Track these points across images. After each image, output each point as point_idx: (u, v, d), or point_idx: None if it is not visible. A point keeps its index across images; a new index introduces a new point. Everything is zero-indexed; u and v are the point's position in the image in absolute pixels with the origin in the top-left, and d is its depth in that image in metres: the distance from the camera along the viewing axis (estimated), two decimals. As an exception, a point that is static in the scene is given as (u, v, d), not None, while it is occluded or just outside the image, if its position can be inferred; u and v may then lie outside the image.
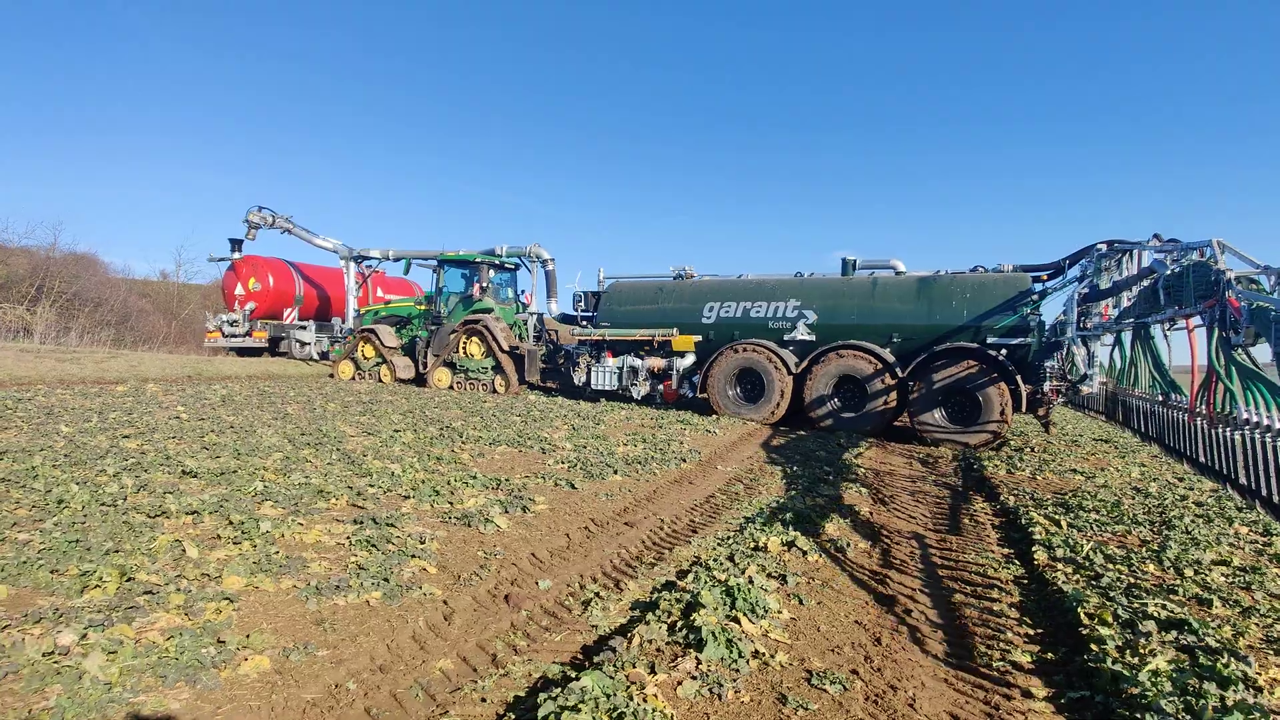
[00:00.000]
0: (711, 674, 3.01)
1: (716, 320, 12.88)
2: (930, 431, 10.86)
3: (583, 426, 10.88)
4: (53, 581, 3.53)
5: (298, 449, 7.47)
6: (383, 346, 16.65)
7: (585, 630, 3.50)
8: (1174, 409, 7.03)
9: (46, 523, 4.42)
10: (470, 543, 4.69)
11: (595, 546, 4.88)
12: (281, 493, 5.50)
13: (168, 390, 12.73)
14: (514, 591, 3.87)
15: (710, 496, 6.86)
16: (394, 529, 4.77)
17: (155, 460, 6.39)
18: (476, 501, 5.65)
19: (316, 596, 3.56)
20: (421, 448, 8.14)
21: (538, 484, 6.61)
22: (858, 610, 4.08)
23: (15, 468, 5.74)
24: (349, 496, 5.55)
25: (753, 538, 5.12)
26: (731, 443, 10.77)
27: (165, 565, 3.83)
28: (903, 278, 12.18)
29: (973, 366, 10.45)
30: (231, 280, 22.59)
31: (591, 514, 5.72)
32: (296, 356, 22.89)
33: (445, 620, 3.48)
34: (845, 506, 6.55)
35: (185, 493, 5.34)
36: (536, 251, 16.68)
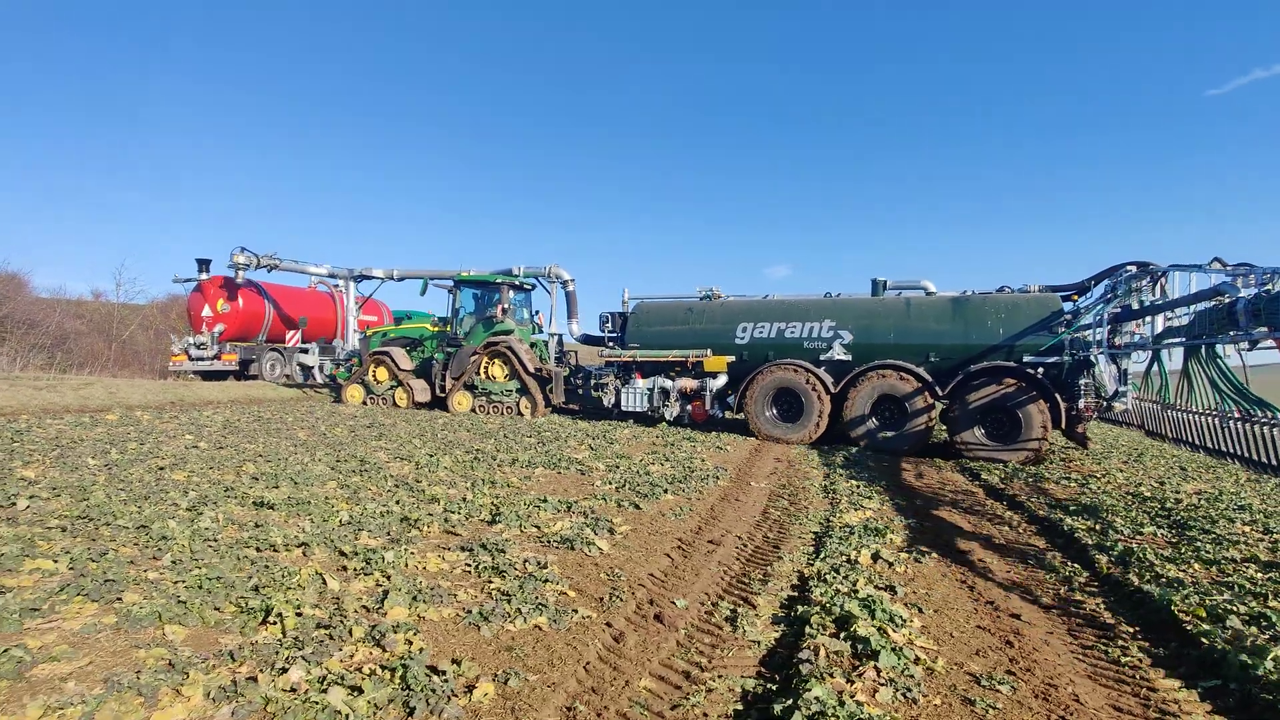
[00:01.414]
0: (897, 681, 3.24)
1: (750, 341, 12.97)
2: (971, 449, 11.03)
3: (600, 447, 11.01)
4: (221, 620, 3.53)
5: (346, 476, 7.41)
6: (399, 369, 16.15)
7: (748, 645, 3.68)
8: (1267, 425, 7.52)
9: (163, 560, 4.36)
10: (584, 565, 4.81)
11: (699, 565, 5.06)
12: (370, 522, 5.51)
13: (160, 418, 12.29)
14: (662, 611, 4.03)
15: (765, 512, 7.10)
16: (504, 554, 4.85)
17: (218, 493, 6.27)
18: (562, 525, 5.76)
19: (485, 624, 3.65)
20: (464, 472, 8.16)
21: (602, 505, 6.73)
22: (971, 615, 4.37)
23: (85, 505, 5.57)
24: (439, 524, 5.58)
25: (840, 552, 5.39)
26: (745, 458, 11.06)
27: (317, 598, 3.85)
28: (935, 298, 12.45)
29: (1013, 385, 10.67)
30: (198, 301, 21.85)
31: (673, 534, 5.89)
32: (268, 379, 22.27)
33: (617, 641, 3.62)
34: (896, 519, 6.88)
35: (276, 525, 5.29)
36: (556, 272, 16.53)
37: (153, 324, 46.40)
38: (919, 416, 11.49)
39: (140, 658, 3.09)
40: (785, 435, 12.66)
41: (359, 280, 19.26)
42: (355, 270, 19.07)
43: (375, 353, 16.60)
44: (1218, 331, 7.59)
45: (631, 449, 11.12)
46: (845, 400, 12.08)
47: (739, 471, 9.57)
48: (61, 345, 37.67)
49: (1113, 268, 10.46)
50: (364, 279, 19.18)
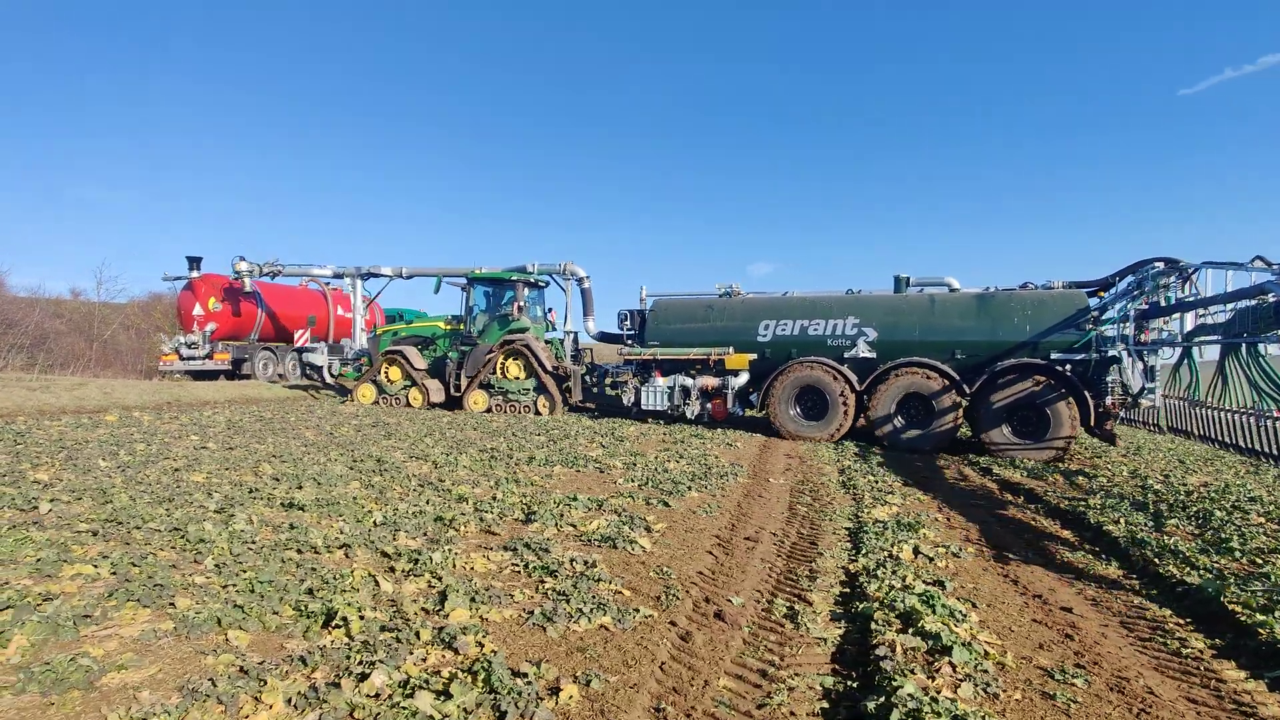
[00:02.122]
0: (975, 676, 3.23)
1: (773, 338, 12.82)
2: (1000, 448, 10.94)
3: (611, 445, 10.95)
4: (281, 624, 3.45)
5: (367, 476, 7.30)
6: (413, 369, 15.82)
7: (815, 642, 3.65)
8: None
9: (205, 563, 4.26)
10: (631, 564, 4.77)
11: (742, 563, 5.02)
12: (405, 522, 5.42)
13: (160, 418, 12.07)
14: (722, 609, 3.99)
15: (792, 509, 7.09)
16: (549, 554, 4.79)
17: (242, 494, 6.16)
18: (598, 524, 5.70)
19: (549, 624, 3.59)
20: (485, 471, 8.08)
21: (631, 503, 6.69)
22: (1023, 609, 4.37)
23: (110, 508, 5.44)
24: (475, 524, 5.51)
25: (879, 548, 5.38)
26: (757, 455, 11.05)
27: (372, 601, 3.77)
28: (960, 295, 12.36)
29: (1042, 382, 10.59)
30: (189, 300, 21.51)
31: (708, 531, 5.85)
32: (261, 379, 21.97)
33: (685, 640, 3.57)
34: (922, 514, 6.89)
35: (311, 526, 5.20)
36: (572, 269, 16.29)
37: (134, 324, 45.64)
38: (946, 415, 11.37)
39: (209, 664, 3.00)
40: (809, 433, 12.48)
41: (366, 279, 18.90)
42: (363, 269, 18.71)
43: (388, 352, 16.18)
44: (1261, 330, 7.59)
45: (643, 446, 11.08)
46: (871, 398, 11.95)
47: (754, 468, 9.56)
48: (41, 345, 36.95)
49: (1137, 263, 10.47)
50: (371, 277, 18.81)
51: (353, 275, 18.81)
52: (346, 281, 18.85)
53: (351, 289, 18.87)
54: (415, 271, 18.28)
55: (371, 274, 18.78)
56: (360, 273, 18.77)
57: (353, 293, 18.99)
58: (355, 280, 18.83)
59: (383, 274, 18.70)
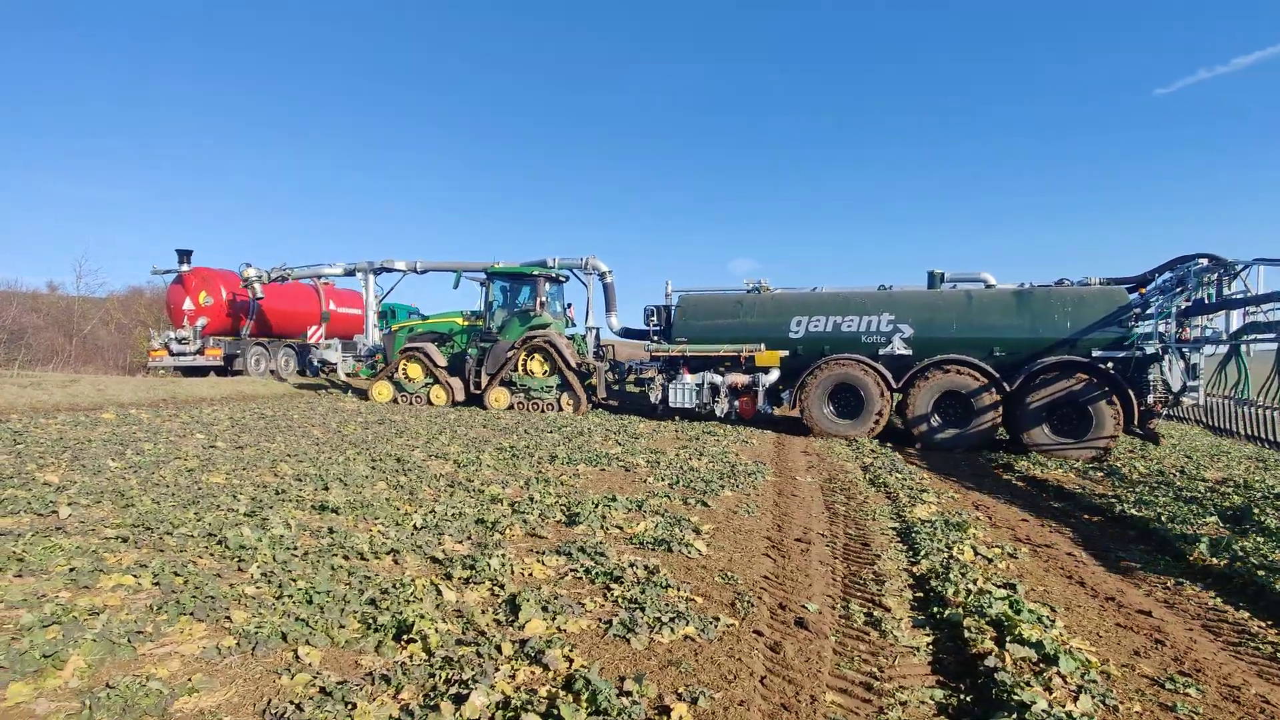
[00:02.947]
0: (1088, 687, 3.08)
1: (805, 335, 12.56)
2: (1041, 447, 10.75)
3: (627, 442, 10.76)
4: (350, 638, 3.23)
5: (391, 476, 7.06)
6: (434, 366, 15.38)
7: (908, 651, 3.49)
8: None
9: (250, 571, 4.02)
10: (692, 569, 4.59)
11: (803, 566, 4.86)
12: (446, 525, 5.21)
13: (159, 416, 11.70)
14: (802, 616, 3.82)
15: (830, 508, 6.94)
16: (605, 558, 4.60)
17: (268, 496, 5.90)
18: (645, 526, 5.52)
19: (632, 635, 3.40)
20: (509, 470, 7.86)
21: (669, 503, 6.51)
22: (1101, 613, 4.25)
23: (134, 512, 5.17)
24: (520, 527, 5.30)
25: (936, 549, 5.24)
26: (774, 452, 10.91)
27: (436, 610, 3.56)
28: (998, 291, 12.18)
29: (1085, 380, 10.44)
30: (179, 294, 20.97)
31: (757, 533, 5.69)
32: (253, 375, 21.51)
33: (776, 651, 3.40)
34: (963, 514, 6.77)
35: (350, 530, 4.97)
36: (594, 263, 15.91)
37: (114, 319, 44.69)
38: (985, 414, 11.15)
39: (286, 685, 2.79)
40: (844, 432, 12.21)
41: (379, 273, 18.37)
42: (375, 263, 18.12)
43: (407, 349, 15.65)
44: None
45: (659, 444, 10.90)
46: (907, 396, 11.72)
47: (778, 466, 9.40)
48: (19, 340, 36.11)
49: (1177, 260, 10.36)
50: (384, 272, 18.27)
51: (365, 270, 18.27)
52: (359, 277, 18.31)
53: (364, 284, 18.34)
54: (430, 266, 17.77)
55: (385, 269, 18.17)
56: (373, 268, 18.19)
57: (364, 288, 18.44)
58: (367, 275, 18.29)
59: (396, 269, 18.10)
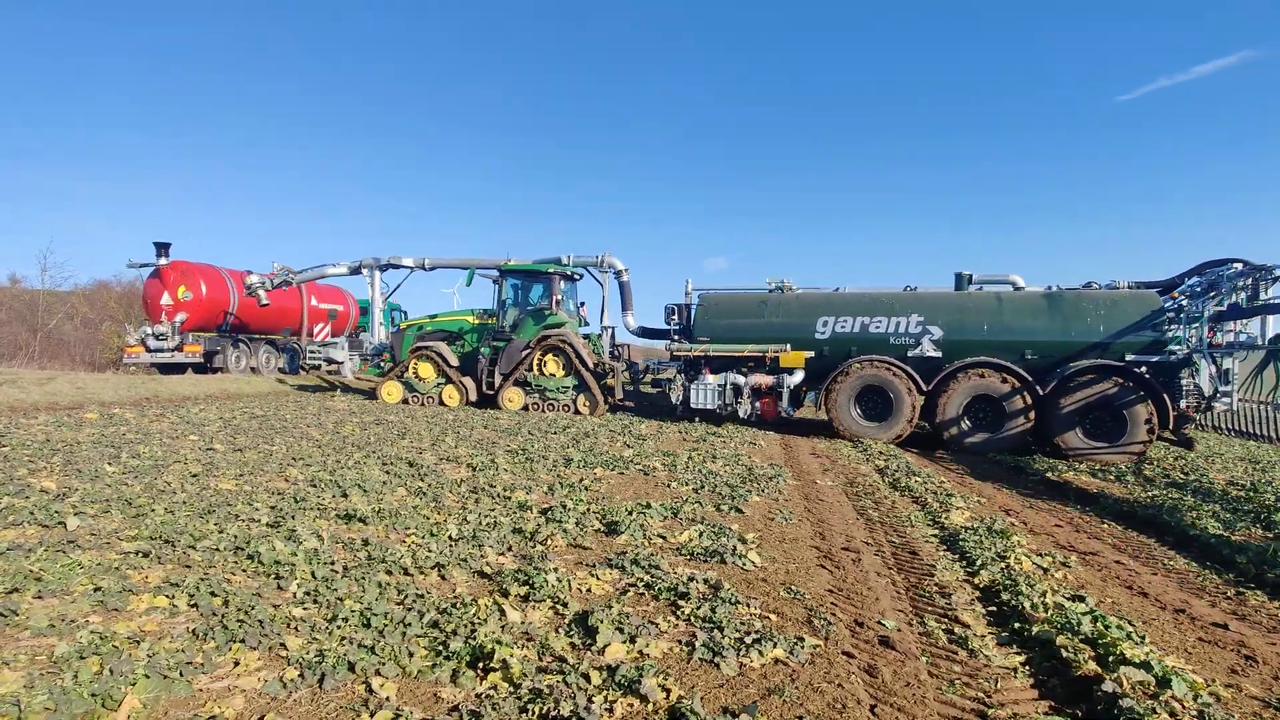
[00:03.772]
0: (1207, 712, 2.94)
1: (832, 335, 12.33)
2: (1076, 452, 10.64)
3: (635, 444, 10.55)
4: (422, 667, 2.97)
5: (407, 481, 6.77)
6: (447, 366, 14.87)
7: (1004, 672, 3.33)
8: None
9: (291, 590, 3.74)
10: (753, 582, 4.38)
11: (861, 577, 4.68)
12: (484, 536, 4.94)
13: (145, 416, 11.21)
14: (886, 635, 3.64)
15: (862, 514, 6.80)
16: (660, 570, 4.39)
17: (288, 504, 5.58)
18: (689, 535, 5.31)
19: (719, 659, 3.19)
20: (527, 474, 7.60)
21: (702, 510, 6.31)
22: (1176, 626, 4.13)
23: (149, 523, 4.83)
24: (561, 537, 5.06)
25: (989, 558, 5.11)
26: (783, 453, 10.77)
27: (501, 630, 3.31)
28: (1028, 293, 12.05)
29: (1121, 384, 10.35)
30: (156, 288, 20.27)
31: (802, 541, 5.51)
32: (234, 372, 20.88)
33: (872, 674, 3.21)
34: (999, 519, 6.66)
35: (385, 542, 4.68)
36: (610, 261, 15.53)
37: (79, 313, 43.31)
38: (1017, 417, 11.01)
39: (370, 725, 2.52)
40: (872, 434, 11.98)
41: (385, 270, 17.79)
42: (382, 259, 17.54)
43: (418, 348, 15.14)
44: None
45: (668, 446, 10.70)
46: (938, 399, 11.55)
47: (793, 469, 9.24)
48: (-19, 334, 34.80)
49: (1206, 264, 10.36)
50: (391, 268, 17.64)
51: (371, 266, 17.70)
52: (365, 274, 17.76)
53: (369, 281, 17.79)
54: (438, 263, 17.23)
55: (391, 265, 17.59)
56: (379, 264, 17.60)
57: (370, 285, 17.88)
58: (373, 272, 17.74)
59: (404, 265, 17.51)
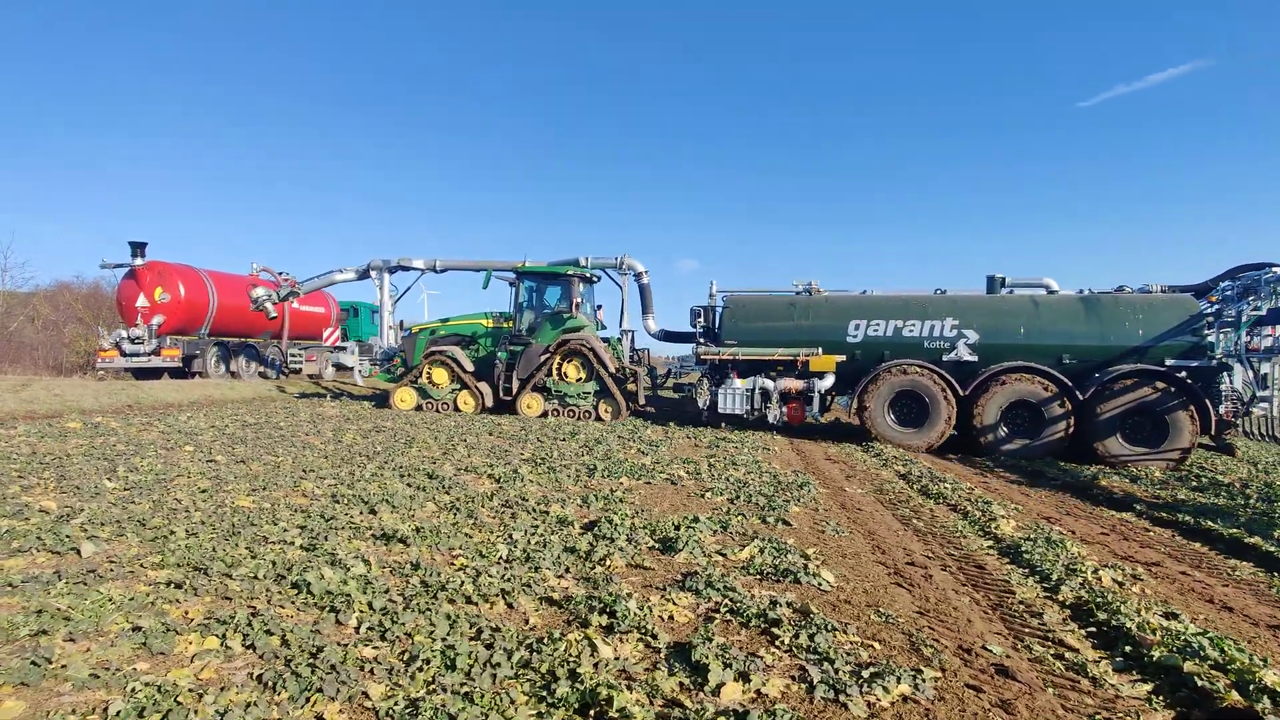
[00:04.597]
0: (1378, 748, 2.74)
1: (864, 339, 12.05)
2: (1117, 458, 10.46)
3: (650, 450, 10.27)
4: (529, 717, 2.65)
5: (432, 494, 6.40)
6: (462, 371, 14.36)
7: (1141, 706, 3.10)
8: None
9: (350, 625, 3.39)
10: (838, 605, 4.11)
11: (941, 597, 4.44)
12: (537, 557, 4.61)
13: (130, 425, 10.64)
14: (1001, 663, 3.40)
15: (908, 524, 6.57)
16: (737, 593, 4.10)
17: (318, 523, 5.19)
18: (749, 552, 5.03)
19: (845, 698, 2.91)
20: (555, 486, 7.27)
21: (745, 522, 6.04)
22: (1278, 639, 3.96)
23: (173, 548, 4.42)
24: (619, 557, 4.75)
25: (1061, 572, 4.91)
26: (797, 459, 10.56)
27: (594, 668, 3.00)
28: (1064, 297, 11.89)
29: (1164, 389, 10.21)
30: (131, 290, 19.47)
31: (864, 557, 5.27)
32: (213, 377, 20.14)
33: (1009, 711, 2.95)
34: (1046, 528, 6.49)
35: (435, 565, 4.34)
36: (629, 263, 15.12)
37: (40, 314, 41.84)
38: (1057, 423, 10.81)
39: (494, 793, 2.20)
40: (908, 441, 11.70)
41: (394, 272, 17.21)
42: (391, 261, 17.00)
43: (433, 352, 14.61)
44: None
45: (682, 452, 10.45)
46: (974, 405, 11.30)
47: (817, 476, 9.02)
48: (-62, 339, 33.39)
49: (1239, 268, 10.32)
50: (400, 270, 17.11)
51: (379, 269, 17.16)
52: (373, 276, 17.19)
53: (378, 284, 17.23)
54: (449, 265, 16.77)
55: (401, 267, 17.08)
56: (388, 266, 17.08)
57: (379, 288, 17.32)
58: (382, 274, 17.19)
59: (414, 267, 17.03)
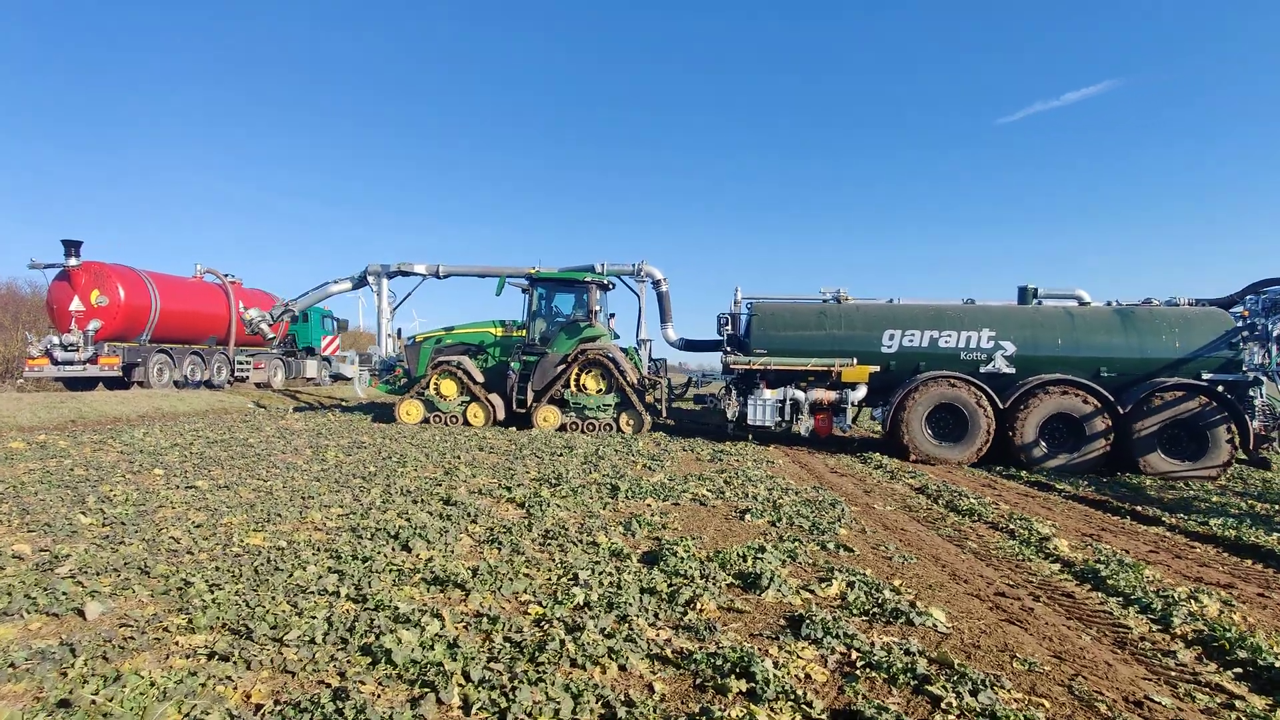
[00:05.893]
0: None
1: (899, 349, 11.73)
2: (1161, 474, 10.35)
3: (657, 466, 9.85)
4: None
5: (465, 526, 5.80)
6: (473, 383, 13.58)
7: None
8: None
9: (453, 702, 2.85)
10: (969, 651, 3.74)
11: (1060, 634, 4.13)
12: (622, 603, 4.11)
13: (80, 443, 9.58)
14: (1183, 717, 3.09)
15: (961, 545, 6.30)
16: (855, 639, 3.70)
17: (355, 567, 4.55)
18: (837, 588, 4.63)
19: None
20: (587, 511, 6.75)
21: (804, 549, 5.67)
22: None
23: (201, 604, 3.74)
24: (710, 599, 4.28)
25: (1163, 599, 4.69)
26: (804, 473, 10.30)
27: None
28: (1099, 309, 11.79)
29: (1205, 403, 10.17)
30: (64, 293, 17.92)
31: (953, 588, 4.94)
32: (155, 386, 18.69)
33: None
34: (1096, 546, 6.33)
35: (510, 619, 3.79)
36: (648, 270, 14.54)
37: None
38: (1098, 438, 10.67)
39: None
40: (946, 456, 11.40)
41: (393, 277, 16.23)
42: (390, 266, 16.11)
43: (441, 362, 13.77)
44: None
45: (688, 467, 10.06)
46: (1014, 419, 11.07)
47: (834, 491, 8.73)
48: None
49: (1262, 282, 10.46)
50: (400, 275, 16.16)
51: (378, 274, 16.20)
52: (371, 282, 16.16)
53: (375, 290, 16.24)
54: (452, 270, 15.99)
55: (401, 272, 16.24)
56: (387, 271, 16.20)
57: (377, 294, 16.33)
58: (380, 279, 16.23)
59: (415, 272, 16.21)
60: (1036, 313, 11.99)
